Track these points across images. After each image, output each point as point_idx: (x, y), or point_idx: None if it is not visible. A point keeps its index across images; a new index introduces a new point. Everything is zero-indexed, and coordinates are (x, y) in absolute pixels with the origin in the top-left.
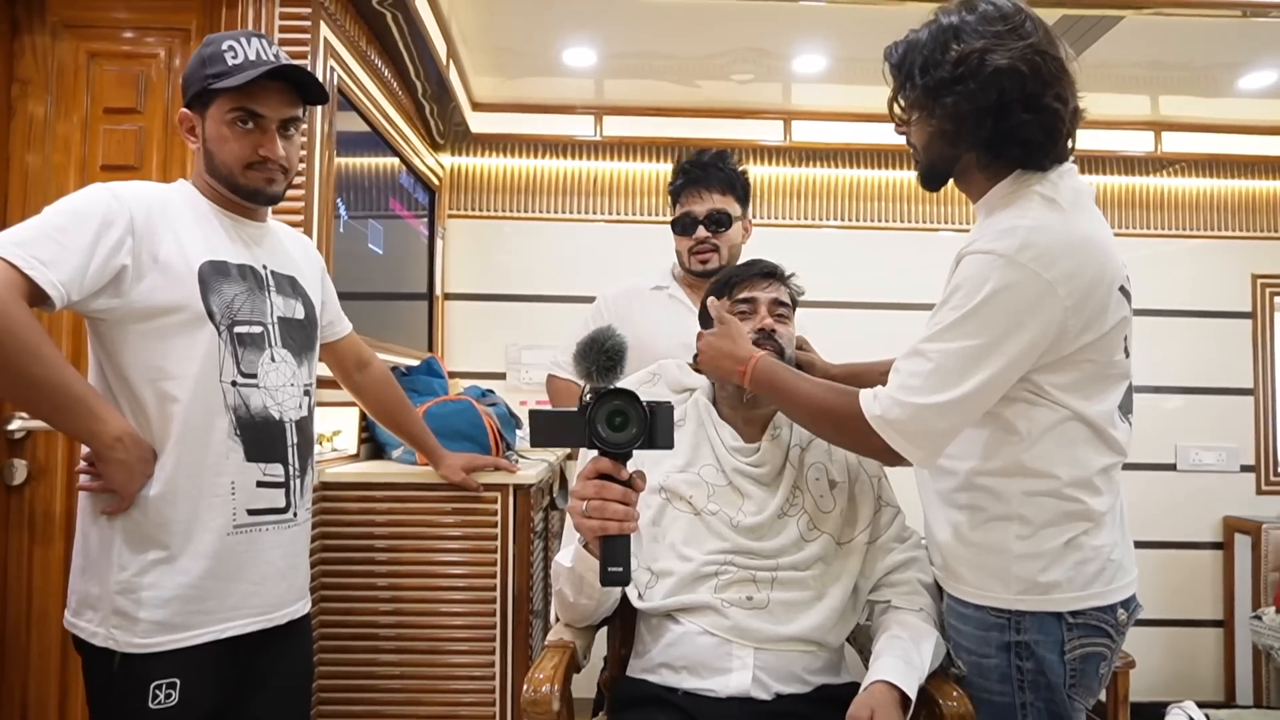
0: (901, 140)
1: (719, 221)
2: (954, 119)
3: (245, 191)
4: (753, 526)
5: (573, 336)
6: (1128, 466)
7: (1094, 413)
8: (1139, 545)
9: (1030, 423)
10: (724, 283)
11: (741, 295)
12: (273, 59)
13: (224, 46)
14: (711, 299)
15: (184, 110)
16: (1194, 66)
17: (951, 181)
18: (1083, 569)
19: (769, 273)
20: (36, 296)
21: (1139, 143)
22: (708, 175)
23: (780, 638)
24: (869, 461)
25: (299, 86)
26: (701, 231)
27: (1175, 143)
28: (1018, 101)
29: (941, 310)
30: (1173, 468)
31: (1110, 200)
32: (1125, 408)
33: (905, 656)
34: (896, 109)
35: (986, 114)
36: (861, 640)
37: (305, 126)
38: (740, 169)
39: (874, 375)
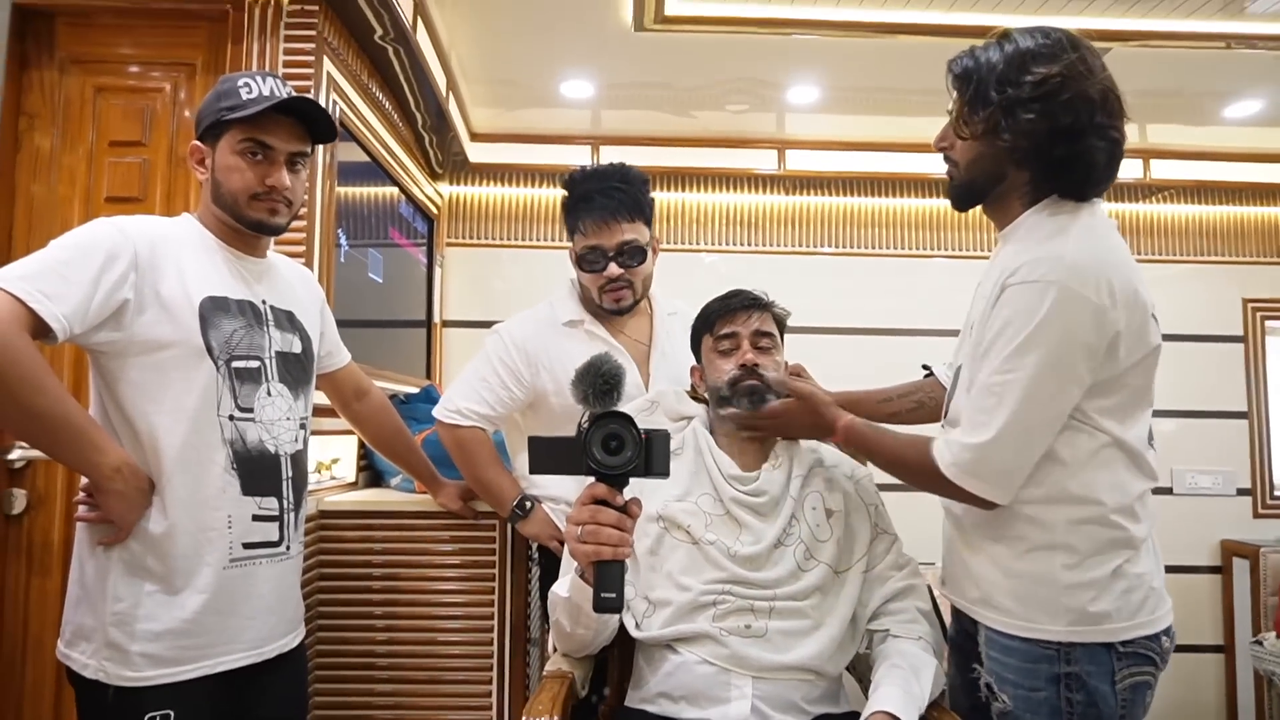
0: (899, 168)
1: (632, 255)
2: (1029, 136)
3: (249, 222)
4: (750, 556)
5: (476, 378)
6: None
7: (1131, 437)
8: None
9: (1073, 449)
10: (705, 319)
11: (723, 331)
12: (284, 97)
13: (239, 83)
14: (774, 377)
15: (195, 142)
16: (1181, 95)
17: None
18: (1129, 597)
19: (749, 304)
20: (40, 329)
21: (1128, 169)
22: (611, 201)
23: (779, 666)
24: (866, 490)
25: (308, 123)
26: (614, 269)
27: (1164, 169)
28: (1090, 128)
29: (996, 343)
30: (1169, 491)
31: None
32: (1149, 435)
33: (905, 686)
34: (958, 122)
35: (1061, 136)
36: (861, 669)
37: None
38: (644, 181)
39: (870, 403)
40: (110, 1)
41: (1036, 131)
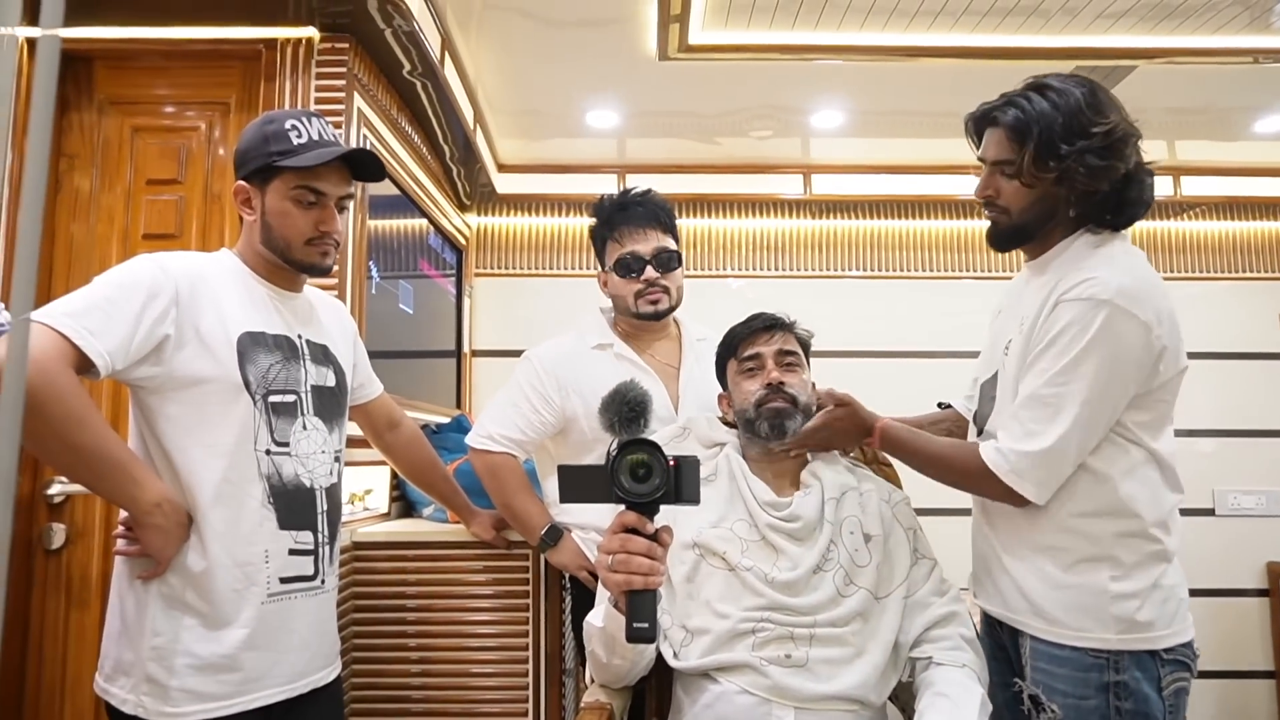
0: (924, 190)
1: (667, 260)
2: (1106, 180)
3: (301, 265)
4: (788, 582)
5: (508, 403)
6: None
7: (1165, 451)
8: None
9: (1113, 463)
10: (729, 344)
11: (747, 353)
12: (332, 139)
13: (287, 125)
14: (820, 390)
15: (241, 183)
16: (1209, 111)
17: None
18: (1165, 607)
19: (771, 324)
20: (83, 365)
21: (1158, 187)
22: (646, 211)
23: (821, 696)
24: (904, 513)
25: (353, 165)
26: (650, 272)
27: (1195, 186)
28: (1140, 166)
29: (1046, 355)
30: (1211, 512)
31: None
32: None
33: (950, 716)
34: (1026, 170)
35: (1133, 177)
36: (904, 698)
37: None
38: (671, 206)
39: None
40: (147, 44)
41: (1112, 176)
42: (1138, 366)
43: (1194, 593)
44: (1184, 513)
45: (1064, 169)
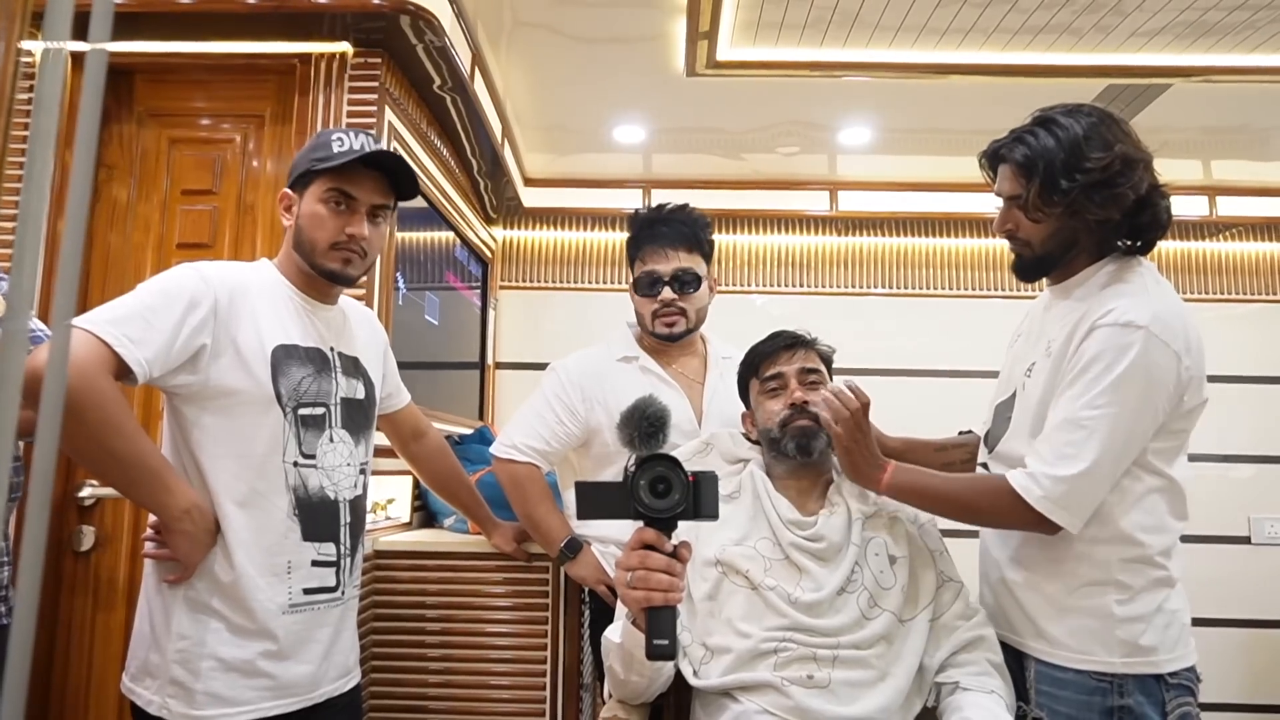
0: (952, 208)
1: (685, 282)
2: (1118, 209)
3: (324, 270)
4: (811, 604)
5: (533, 413)
6: (1198, 540)
7: (1180, 478)
8: (1214, 623)
9: (1123, 491)
10: (750, 363)
11: (769, 373)
12: (373, 150)
13: (333, 137)
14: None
15: (286, 190)
16: (1247, 130)
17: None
18: (1168, 632)
19: (792, 342)
20: (122, 371)
21: (1193, 207)
22: (672, 230)
23: (843, 719)
24: (929, 536)
25: (392, 178)
26: (667, 293)
27: (1231, 206)
28: (1154, 189)
29: (1081, 380)
30: (1247, 540)
31: (1165, 265)
32: None
33: None
34: (1033, 206)
35: (1143, 204)
36: None
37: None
38: (705, 223)
39: (926, 450)
40: (186, 58)
41: (1122, 204)
42: (1167, 395)
43: (1228, 623)
44: (1218, 540)
45: (1069, 203)
